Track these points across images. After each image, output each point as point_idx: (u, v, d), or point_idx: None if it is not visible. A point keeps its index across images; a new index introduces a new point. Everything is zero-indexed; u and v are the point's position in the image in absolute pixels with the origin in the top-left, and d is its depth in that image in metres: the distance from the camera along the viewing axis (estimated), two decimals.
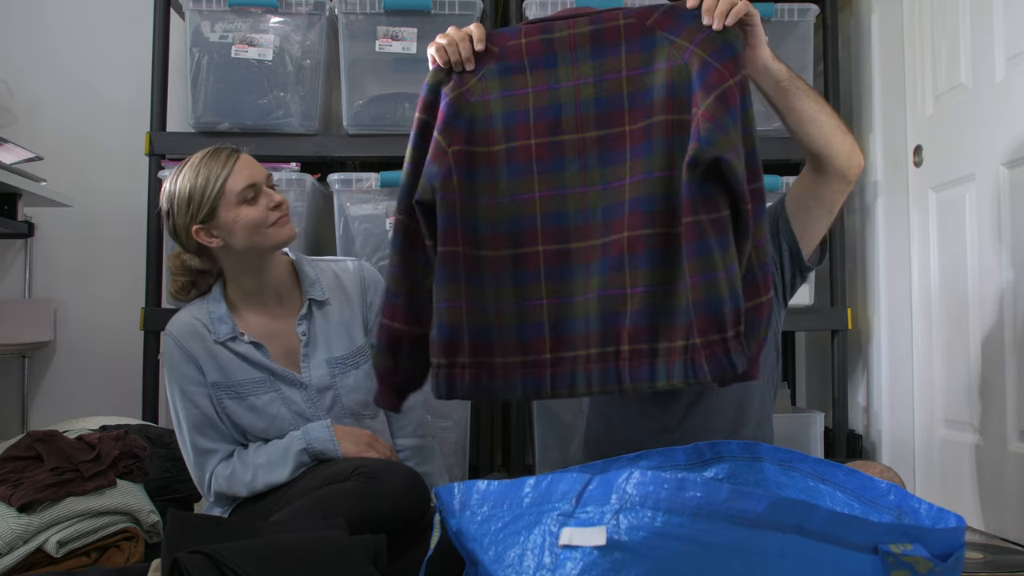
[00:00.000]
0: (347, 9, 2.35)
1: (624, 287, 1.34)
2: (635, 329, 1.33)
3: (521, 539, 1.02)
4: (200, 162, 1.64)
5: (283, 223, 1.66)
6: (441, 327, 1.37)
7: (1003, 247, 2.02)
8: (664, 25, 1.36)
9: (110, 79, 2.87)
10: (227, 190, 1.62)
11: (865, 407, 2.54)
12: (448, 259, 1.38)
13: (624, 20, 1.37)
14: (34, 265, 2.85)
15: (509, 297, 1.40)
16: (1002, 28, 2.04)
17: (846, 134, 1.51)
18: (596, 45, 1.38)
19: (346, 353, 1.73)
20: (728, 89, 1.32)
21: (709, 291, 1.28)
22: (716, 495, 0.91)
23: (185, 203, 1.63)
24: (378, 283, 1.81)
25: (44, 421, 2.72)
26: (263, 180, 1.66)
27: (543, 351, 1.39)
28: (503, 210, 1.40)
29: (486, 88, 1.41)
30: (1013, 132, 1.99)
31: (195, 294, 1.73)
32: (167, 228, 1.70)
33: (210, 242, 1.64)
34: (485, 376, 1.39)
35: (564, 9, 1.46)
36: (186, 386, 1.67)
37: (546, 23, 1.42)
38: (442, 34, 1.44)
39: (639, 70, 1.37)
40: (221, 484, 1.65)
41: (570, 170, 1.39)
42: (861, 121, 2.59)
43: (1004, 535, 2.00)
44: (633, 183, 1.35)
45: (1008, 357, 1.99)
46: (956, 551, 0.98)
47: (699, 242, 1.29)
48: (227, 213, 1.62)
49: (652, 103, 1.35)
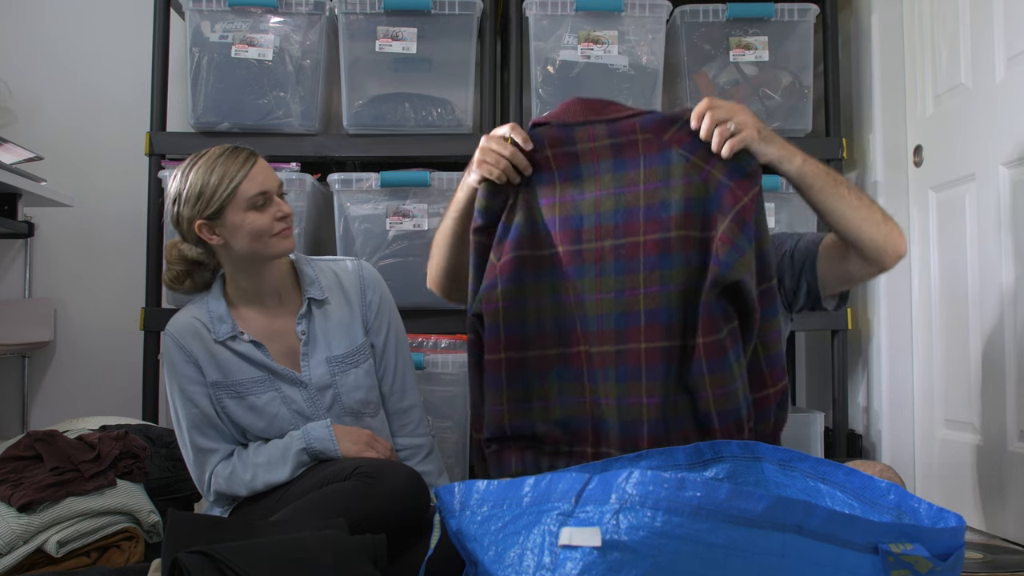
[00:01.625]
0: (347, 9, 2.35)
1: (641, 396, 1.42)
2: (654, 437, 1.41)
3: (521, 539, 1.01)
4: (217, 159, 1.64)
5: (286, 235, 1.66)
6: (488, 427, 1.51)
7: (1003, 247, 2.02)
8: (680, 142, 1.43)
9: (110, 79, 2.87)
10: (239, 193, 1.61)
11: (865, 407, 2.54)
12: (492, 367, 1.49)
13: (642, 135, 1.44)
14: (34, 265, 2.85)
15: (554, 394, 1.50)
16: (1002, 28, 2.04)
17: (880, 223, 1.49)
18: (617, 158, 1.46)
19: (346, 352, 1.73)
20: (742, 208, 1.39)
21: (730, 402, 1.38)
22: (716, 495, 0.91)
23: (195, 196, 1.62)
24: (377, 282, 1.81)
25: (44, 421, 2.73)
26: (275, 188, 1.66)
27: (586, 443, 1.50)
28: (545, 312, 1.49)
29: (527, 198, 1.50)
30: (1013, 132, 1.99)
31: (190, 285, 1.72)
32: (170, 216, 1.69)
33: (211, 239, 1.64)
34: (531, 456, 1.50)
35: (575, 105, 1.51)
36: (185, 386, 1.67)
37: (567, 130, 1.48)
38: (483, 148, 1.49)
39: (656, 184, 1.43)
40: (221, 483, 1.65)
41: (587, 277, 1.47)
42: (861, 121, 2.59)
43: (1004, 535, 2.00)
44: (648, 294, 1.42)
45: (1008, 357, 1.99)
46: (956, 550, 0.98)
47: (719, 359, 1.37)
48: (234, 215, 1.62)
49: (670, 218, 1.42)
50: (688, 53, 2.44)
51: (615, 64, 2.37)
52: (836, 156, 2.45)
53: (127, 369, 2.62)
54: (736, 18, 2.42)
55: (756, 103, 2.44)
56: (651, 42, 2.39)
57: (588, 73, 2.37)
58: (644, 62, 2.39)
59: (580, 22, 2.37)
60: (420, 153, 2.40)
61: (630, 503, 0.93)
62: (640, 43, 2.38)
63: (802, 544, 0.92)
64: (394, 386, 1.80)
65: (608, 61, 2.37)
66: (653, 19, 2.39)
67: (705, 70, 2.46)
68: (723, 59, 2.44)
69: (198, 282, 1.73)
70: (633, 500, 0.93)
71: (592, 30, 2.37)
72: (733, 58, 2.43)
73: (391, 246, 2.33)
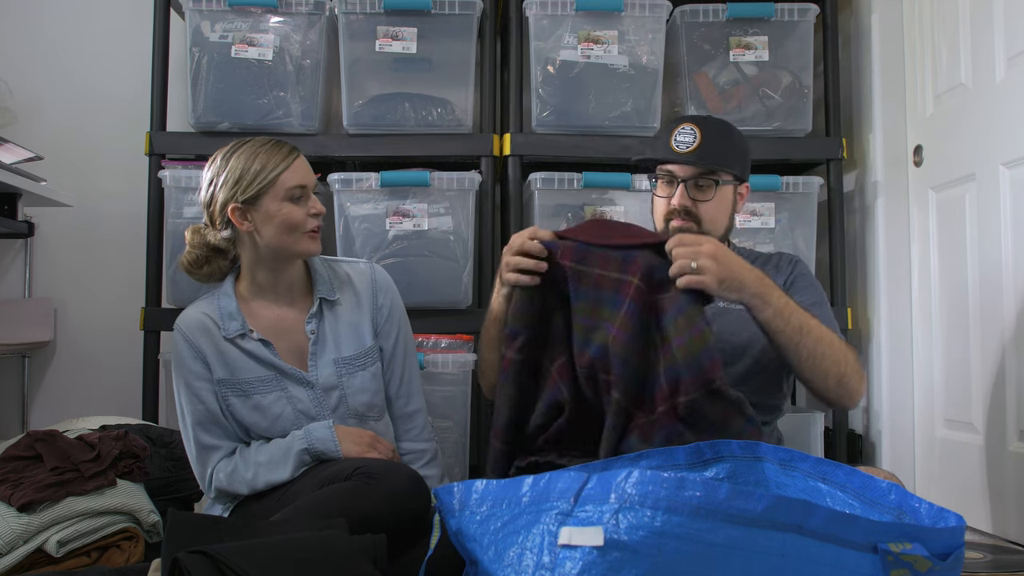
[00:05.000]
0: (347, 9, 2.35)
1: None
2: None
3: (520, 538, 1.01)
4: (261, 147, 1.66)
5: (314, 236, 1.68)
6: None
7: (1003, 247, 2.02)
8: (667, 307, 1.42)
9: (110, 79, 2.87)
10: (279, 182, 1.63)
11: (865, 407, 2.54)
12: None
13: (636, 281, 1.44)
14: (34, 265, 2.85)
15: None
16: (1002, 28, 2.04)
17: (832, 379, 1.51)
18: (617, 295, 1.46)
19: (354, 354, 1.73)
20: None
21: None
22: (716, 494, 0.91)
23: (234, 180, 1.63)
24: (389, 286, 1.82)
25: (44, 421, 2.73)
26: (312, 185, 1.69)
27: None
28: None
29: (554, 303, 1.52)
30: (1013, 132, 1.99)
31: (207, 271, 1.73)
32: (202, 199, 1.69)
33: (241, 224, 1.65)
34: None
35: (596, 226, 1.55)
36: (192, 382, 1.67)
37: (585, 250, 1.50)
38: (509, 257, 1.52)
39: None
40: (222, 481, 1.65)
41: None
42: (861, 121, 2.59)
43: (1004, 535, 2.00)
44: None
45: (1008, 357, 1.99)
46: (956, 550, 0.98)
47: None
48: (271, 203, 1.63)
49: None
50: (688, 53, 2.44)
51: (615, 64, 2.37)
52: (836, 156, 2.45)
53: (127, 369, 2.62)
54: (736, 18, 2.42)
55: (756, 103, 2.44)
56: (651, 42, 2.39)
57: (588, 73, 2.37)
58: (644, 62, 2.39)
59: (580, 22, 2.37)
60: (420, 153, 2.40)
61: (630, 503, 0.93)
62: (640, 43, 2.38)
63: (802, 543, 0.92)
64: (400, 390, 1.81)
65: (608, 61, 2.37)
66: (653, 19, 2.39)
67: (705, 70, 2.46)
68: (723, 59, 2.44)
69: (215, 269, 1.73)
70: (633, 500, 0.93)
71: (592, 30, 2.37)
72: (733, 58, 2.43)
73: (391, 246, 2.33)
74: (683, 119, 1.71)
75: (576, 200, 2.36)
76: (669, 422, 1.37)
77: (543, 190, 2.35)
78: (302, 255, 1.70)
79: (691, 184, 1.67)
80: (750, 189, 1.82)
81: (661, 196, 1.72)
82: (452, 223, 2.34)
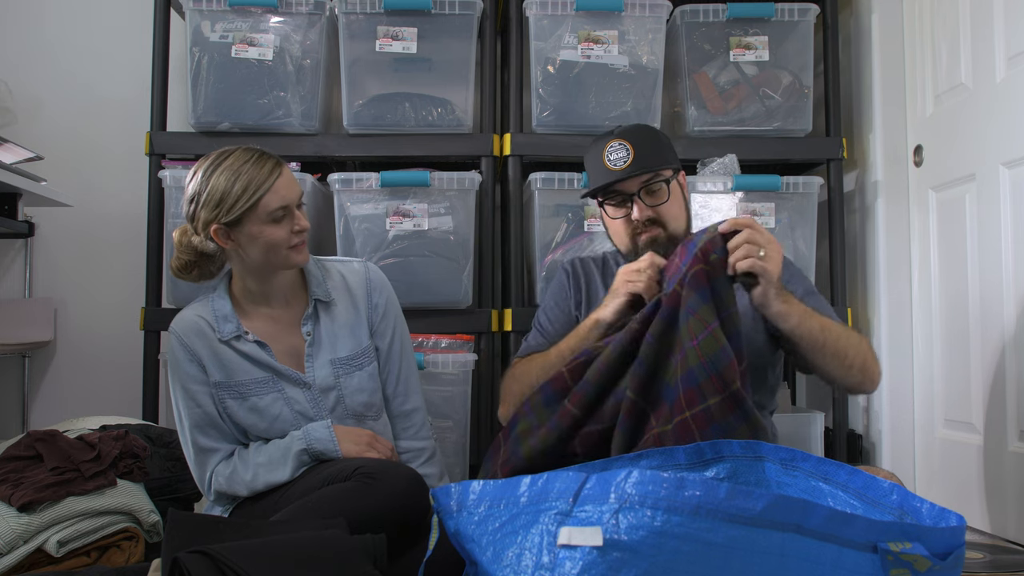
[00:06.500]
0: (347, 9, 2.35)
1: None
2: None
3: (519, 539, 1.01)
4: (243, 165, 1.60)
5: (300, 249, 1.66)
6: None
7: (1003, 247, 2.02)
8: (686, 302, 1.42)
9: (110, 79, 2.87)
10: (260, 205, 1.59)
11: (865, 407, 2.54)
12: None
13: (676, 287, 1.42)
14: (34, 265, 2.85)
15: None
16: (1002, 28, 2.04)
17: (853, 372, 1.53)
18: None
19: (351, 354, 1.73)
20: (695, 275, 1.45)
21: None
22: (715, 494, 0.91)
23: (215, 201, 1.59)
24: (384, 285, 1.81)
25: (44, 421, 2.73)
26: (296, 201, 1.65)
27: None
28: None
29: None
30: (1013, 132, 1.99)
31: (196, 274, 1.71)
32: (186, 212, 1.66)
33: (224, 243, 1.63)
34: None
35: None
36: (189, 385, 1.66)
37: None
38: (624, 280, 1.56)
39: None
40: (222, 483, 1.65)
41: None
42: (861, 121, 2.59)
43: (1004, 535, 2.00)
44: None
45: (1008, 357, 1.99)
46: (955, 550, 0.98)
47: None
48: (253, 226, 1.61)
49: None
50: (688, 53, 2.44)
51: (615, 64, 2.37)
52: (836, 156, 2.45)
53: (127, 369, 2.62)
54: (736, 18, 2.42)
55: (756, 103, 2.44)
56: (651, 42, 2.39)
57: (588, 73, 2.37)
58: (644, 62, 2.39)
59: (580, 22, 2.37)
60: (420, 153, 2.40)
61: (630, 502, 0.93)
62: (640, 43, 2.38)
63: (801, 543, 0.92)
64: (398, 389, 1.80)
65: (608, 61, 2.37)
66: (653, 19, 2.39)
67: (705, 70, 2.46)
68: (723, 59, 2.44)
69: (205, 272, 1.72)
70: (632, 499, 0.93)
71: (592, 30, 2.37)
72: (733, 58, 2.43)
73: (391, 246, 2.33)
74: (601, 138, 1.71)
75: (576, 200, 2.36)
76: (685, 436, 1.33)
77: (543, 190, 2.35)
78: (289, 267, 1.68)
79: (643, 194, 1.67)
80: (686, 175, 1.81)
81: (616, 218, 1.71)
82: (452, 223, 2.34)
